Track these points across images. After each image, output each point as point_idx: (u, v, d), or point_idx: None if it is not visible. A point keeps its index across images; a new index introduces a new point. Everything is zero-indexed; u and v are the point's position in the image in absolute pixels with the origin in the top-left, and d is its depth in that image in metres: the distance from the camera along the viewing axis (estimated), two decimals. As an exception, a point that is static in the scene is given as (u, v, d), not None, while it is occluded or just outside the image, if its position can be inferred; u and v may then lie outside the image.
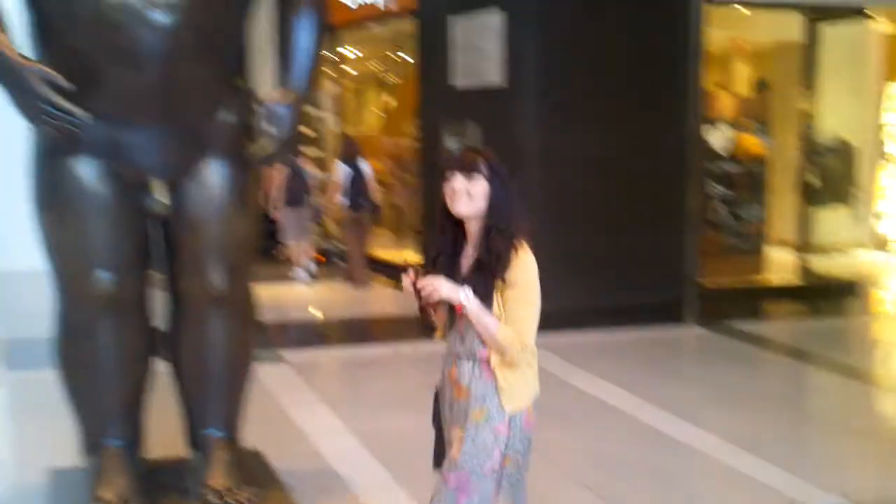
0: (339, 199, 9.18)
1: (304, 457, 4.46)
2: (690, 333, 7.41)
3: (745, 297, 8.50)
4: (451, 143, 8.23)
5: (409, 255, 9.05)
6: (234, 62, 3.44)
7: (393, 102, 12.06)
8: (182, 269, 3.47)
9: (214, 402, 3.61)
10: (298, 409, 5.25)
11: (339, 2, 10.23)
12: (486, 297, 2.62)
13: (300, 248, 9.58)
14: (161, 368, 3.72)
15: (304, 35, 3.40)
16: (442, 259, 2.75)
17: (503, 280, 2.62)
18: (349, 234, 9.35)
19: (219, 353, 3.54)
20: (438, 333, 2.83)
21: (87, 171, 3.26)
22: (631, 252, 7.64)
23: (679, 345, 7.22)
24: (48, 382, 3.81)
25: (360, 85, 12.60)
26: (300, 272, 9.50)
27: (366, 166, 9.27)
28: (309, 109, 9.57)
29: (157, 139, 3.27)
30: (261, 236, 3.94)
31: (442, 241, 2.77)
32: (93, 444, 3.57)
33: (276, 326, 7.11)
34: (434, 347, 3.11)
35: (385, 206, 10.27)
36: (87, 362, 3.47)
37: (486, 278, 2.63)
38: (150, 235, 3.48)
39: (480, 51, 7.91)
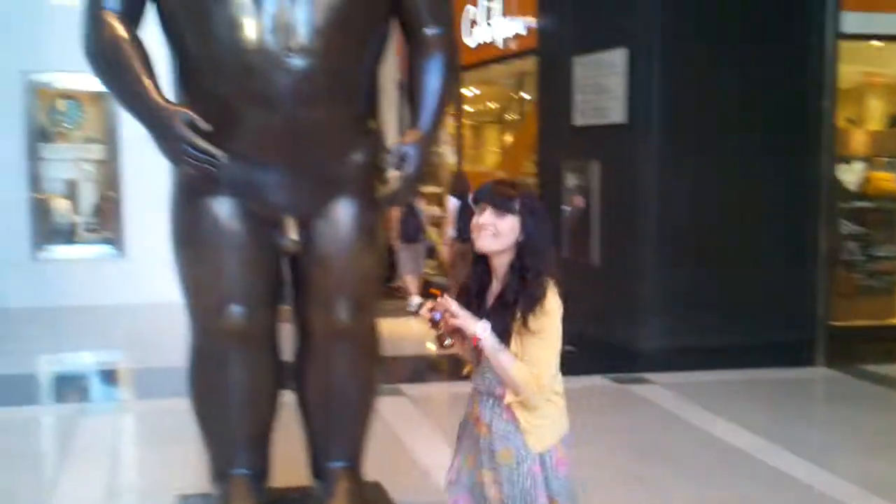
0: (450, 231, 9.39)
1: (423, 490, 4.46)
2: (820, 375, 7.12)
3: (878, 339, 8.13)
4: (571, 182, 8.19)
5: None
6: (366, 104, 3.51)
7: (511, 139, 12.10)
8: (309, 304, 3.54)
9: (338, 434, 3.67)
10: (418, 443, 5.27)
11: (461, 43, 10.40)
12: (503, 334, 2.55)
13: (415, 282, 9.78)
14: (288, 399, 3.80)
15: (433, 77, 3.44)
16: (468, 293, 2.70)
17: (526, 322, 2.54)
18: (457, 265, 9.45)
19: (343, 386, 3.59)
20: (468, 368, 2.79)
21: (223, 209, 3.36)
22: (759, 291, 7.46)
23: (808, 387, 6.95)
24: (177, 411, 3.93)
25: (478, 122, 12.71)
26: (414, 305, 9.65)
27: None
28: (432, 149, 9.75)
29: (290, 179, 3.35)
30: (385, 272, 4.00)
31: (472, 274, 2.72)
32: (221, 472, 3.65)
33: (393, 359, 7.17)
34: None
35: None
36: (217, 394, 3.56)
37: (506, 315, 2.57)
38: (281, 271, 3.56)
39: (603, 88, 7.88)
